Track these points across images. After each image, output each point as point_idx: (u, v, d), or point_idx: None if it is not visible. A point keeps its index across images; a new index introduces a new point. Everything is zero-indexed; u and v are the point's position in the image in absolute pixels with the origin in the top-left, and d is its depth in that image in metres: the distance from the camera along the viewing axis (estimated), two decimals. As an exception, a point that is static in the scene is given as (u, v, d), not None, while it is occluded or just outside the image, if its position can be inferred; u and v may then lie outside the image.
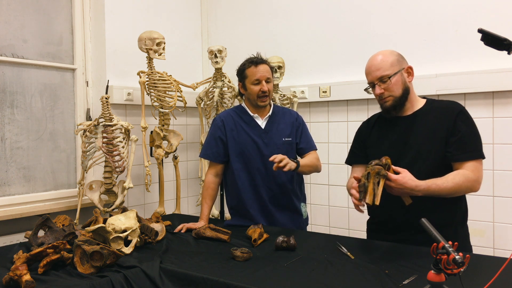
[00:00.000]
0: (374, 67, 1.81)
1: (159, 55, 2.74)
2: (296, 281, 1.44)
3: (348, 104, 3.01)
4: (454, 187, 1.67)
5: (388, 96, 1.82)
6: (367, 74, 1.86)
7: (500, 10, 2.48)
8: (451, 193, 1.69)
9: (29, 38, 2.65)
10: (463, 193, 1.78)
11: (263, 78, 2.23)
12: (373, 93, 1.86)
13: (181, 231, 2.14)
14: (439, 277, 1.17)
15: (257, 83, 2.23)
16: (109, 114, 2.52)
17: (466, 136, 1.74)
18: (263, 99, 2.24)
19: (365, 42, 2.92)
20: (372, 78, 1.83)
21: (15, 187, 2.58)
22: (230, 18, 3.56)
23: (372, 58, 1.86)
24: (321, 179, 3.13)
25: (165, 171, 3.14)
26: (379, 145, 1.91)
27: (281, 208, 2.30)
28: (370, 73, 1.83)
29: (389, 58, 1.82)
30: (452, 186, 1.66)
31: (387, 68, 1.79)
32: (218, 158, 2.33)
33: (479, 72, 2.51)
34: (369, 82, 1.86)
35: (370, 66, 1.84)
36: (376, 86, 1.82)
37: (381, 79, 1.80)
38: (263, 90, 2.23)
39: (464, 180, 1.68)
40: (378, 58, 1.83)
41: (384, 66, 1.79)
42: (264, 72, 2.24)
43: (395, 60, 1.82)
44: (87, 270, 1.55)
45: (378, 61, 1.81)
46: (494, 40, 1.37)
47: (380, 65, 1.80)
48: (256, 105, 2.29)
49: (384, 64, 1.80)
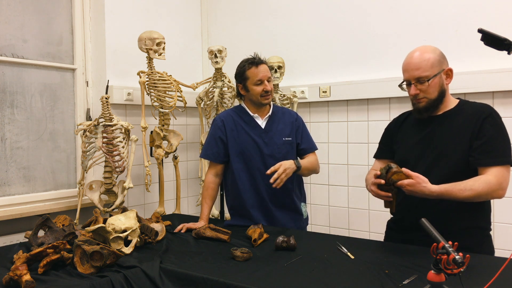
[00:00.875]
0: (414, 65, 1.72)
1: (159, 55, 2.74)
2: (296, 281, 1.44)
3: (348, 104, 3.01)
4: (472, 195, 1.62)
5: (423, 98, 1.75)
6: (404, 70, 1.78)
7: (500, 10, 2.47)
8: (470, 200, 1.64)
9: (29, 38, 2.65)
10: (484, 199, 1.70)
11: (265, 78, 2.25)
12: (407, 92, 1.80)
13: (181, 231, 2.14)
14: (439, 277, 1.17)
15: (259, 83, 2.24)
16: (109, 114, 2.52)
17: (492, 140, 1.67)
18: (266, 97, 2.26)
19: (365, 42, 2.92)
20: (409, 77, 1.74)
21: (15, 187, 2.58)
22: (230, 18, 3.56)
23: (412, 54, 1.77)
24: (321, 179, 3.13)
25: (165, 171, 3.14)
26: (406, 143, 1.90)
27: (281, 208, 2.30)
28: (408, 70, 1.74)
29: (431, 57, 1.72)
30: (469, 194, 1.61)
31: (427, 69, 1.71)
32: (218, 158, 2.33)
33: (479, 72, 2.51)
34: (405, 80, 1.78)
35: (409, 63, 1.74)
36: (412, 86, 1.75)
37: (418, 79, 1.72)
38: (266, 89, 2.24)
39: (485, 187, 1.62)
40: (419, 55, 1.73)
41: (424, 66, 1.71)
42: (265, 72, 2.26)
43: (436, 61, 1.73)
44: (87, 270, 1.55)
45: (419, 59, 1.72)
46: (494, 40, 1.37)
47: (420, 65, 1.71)
48: (260, 104, 2.29)
49: (425, 64, 1.71)
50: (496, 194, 1.66)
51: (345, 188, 3.04)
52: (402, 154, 1.89)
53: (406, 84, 1.80)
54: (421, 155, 1.79)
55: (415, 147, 1.83)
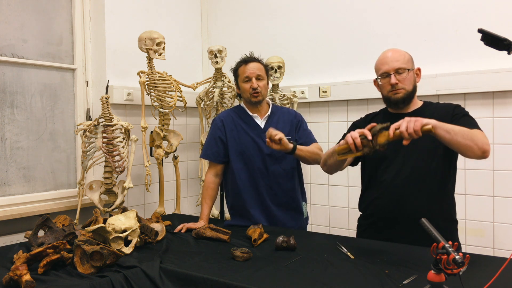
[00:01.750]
0: (393, 58, 1.86)
1: (159, 55, 2.74)
2: (296, 281, 1.44)
3: (348, 104, 3.01)
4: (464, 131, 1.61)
5: (401, 88, 1.86)
6: (382, 64, 1.89)
7: (500, 10, 2.47)
8: (461, 136, 1.61)
9: (29, 38, 2.65)
10: (471, 144, 1.63)
11: (253, 75, 2.25)
12: (384, 84, 1.88)
13: (181, 231, 2.14)
14: (439, 277, 1.17)
15: (247, 80, 2.26)
16: (109, 114, 2.52)
17: (468, 118, 1.79)
18: (255, 95, 2.26)
19: (365, 42, 2.92)
20: (389, 68, 1.86)
21: (15, 187, 2.58)
22: (230, 18, 3.56)
23: (387, 51, 1.91)
24: (321, 179, 3.13)
25: (165, 171, 3.14)
26: None
27: (282, 207, 2.30)
28: (388, 63, 1.87)
29: (406, 54, 1.90)
30: (460, 129, 1.61)
31: (405, 62, 1.86)
32: (218, 158, 2.33)
33: (479, 72, 2.51)
34: (384, 72, 1.88)
35: (387, 57, 1.89)
36: (392, 76, 1.85)
37: (398, 70, 1.85)
38: (253, 87, 2.24)
39: (476, 133, 1.65)
40: (396, 51, 1.89)
41: (402, 59, 1.86)
42: (254, 69, 2.26)
43: (410, 59, 1.90)
44: (87, 270, 1.55)
45: (397, 53, 1.88)
46: (494, 40, 1.37)
47: (398, 58, 1.86)
48: (250, 102, 2.30)
49: (402, 57, 1.87)
50: (485, 146, 1.63)
51: (345, 188, 3.04)
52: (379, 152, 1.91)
53: (383, 77, 1.89)
54: (397, 149, 1.85)
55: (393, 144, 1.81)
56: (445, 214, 1.88)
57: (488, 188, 2.53)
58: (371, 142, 1.57)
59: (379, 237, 1.90)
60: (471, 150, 1.63)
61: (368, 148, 1.58)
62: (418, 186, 1.84)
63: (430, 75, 2.61)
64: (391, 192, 1.88)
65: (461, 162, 2.56)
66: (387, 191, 1.89)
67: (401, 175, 1.86)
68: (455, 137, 1.60)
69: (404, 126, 1.52)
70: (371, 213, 1.99)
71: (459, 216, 1.98)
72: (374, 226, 1.97)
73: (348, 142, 1.61)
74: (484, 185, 2.55)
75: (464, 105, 2.57)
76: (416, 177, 1.84)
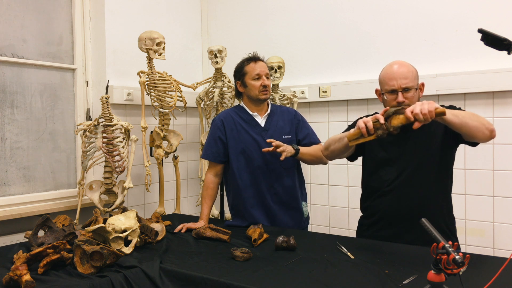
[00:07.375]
0: (402, 75, 1.81)
1: (159, 55, 2.74)
2: (296, 281, 1.44)
3: (348, 104, 3.01)
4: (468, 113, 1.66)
5: (407, 105, 1.78)
6: (389, 79, 1.83)
7: (500, 10, 2.47)
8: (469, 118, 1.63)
9: (29, 38, 2.65)
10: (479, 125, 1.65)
11: (263, 73, 2.27)
12: (390, 100, 1.83)
13: (181, 231, 2.14)
14: (439, 277, 1.17)
15: (257, 78, 2.26)
16: (109, 114, 2.52)
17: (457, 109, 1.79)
18: (264, 92, 2.27)
19: (365, 42, 2.92)
20: (397, 86, 1.80)
21: (15, 187, 2.57)
22: (230, 18, 3.56)
23: (394, 64, 1.86)
24: (321, 179, 3.13)
25: (165, 171, 3.14)
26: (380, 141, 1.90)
27: (283, 207, 2.30)
28: (396, 79, 1.81)
29: (414, 70, 1.85)
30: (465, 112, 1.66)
31: (413, 79, 1.81)
32: (217, 158, 2.33)
33: (479, 72, 2.51)
34: (391, 89, 1.83)
35: (395, 73, 1.82)
36: (400, 94, 1.80)
37: (406, 89, 1.80)
38: (264, 84, 2.25)
39: (476, 114, 1.66)
40: (404, 66, 1.83)
41: (410, 76, 1.81)
42: (264, 68, 2.28)
43: (417, 74, 1.86)
44: (87, 270, 1.55)
45: (405, 69, 1.82)
46: (494, 40, 1.37)
47: (407, 75, 1.81)
48: (258, 100, 2.30)
49: (411, 75, 1.82)
50: (491, 125, 1.67)
51: (345, 188, 3.04)
52: (380, 153, 1.94)
53: (389, 93, 1.84)
54: (397, 150, 1.88)
55: (393, 145, 1.90)
56: (445, 213, 1.89)
57: (488, 188, 2.53)
58: (385, 125, 1.61)
59: (380, 237, 1.91)
60: (480, 131, 1.64)
61: (382, 130, 1.62)
62: (418, 186, 1.84)
63: (430, 75, 2.61)
64: (391, 192, 1.89)
65: (461, 162, 2.57)
66: (387, 191, 1.90)
67: (401, 175, 1.87)
68: (463, 119, 1.62)
69: (418, 108, 1.55)
70: (371, 213, 1.99)
71: (460, 216, 1.99)
72: (375, 225, 1.97)
73: (360, 126, 1.64)
74: (484, 185, 2.55)
75: (464, 105, 2.58)
76: (416, 177, 1.85)
